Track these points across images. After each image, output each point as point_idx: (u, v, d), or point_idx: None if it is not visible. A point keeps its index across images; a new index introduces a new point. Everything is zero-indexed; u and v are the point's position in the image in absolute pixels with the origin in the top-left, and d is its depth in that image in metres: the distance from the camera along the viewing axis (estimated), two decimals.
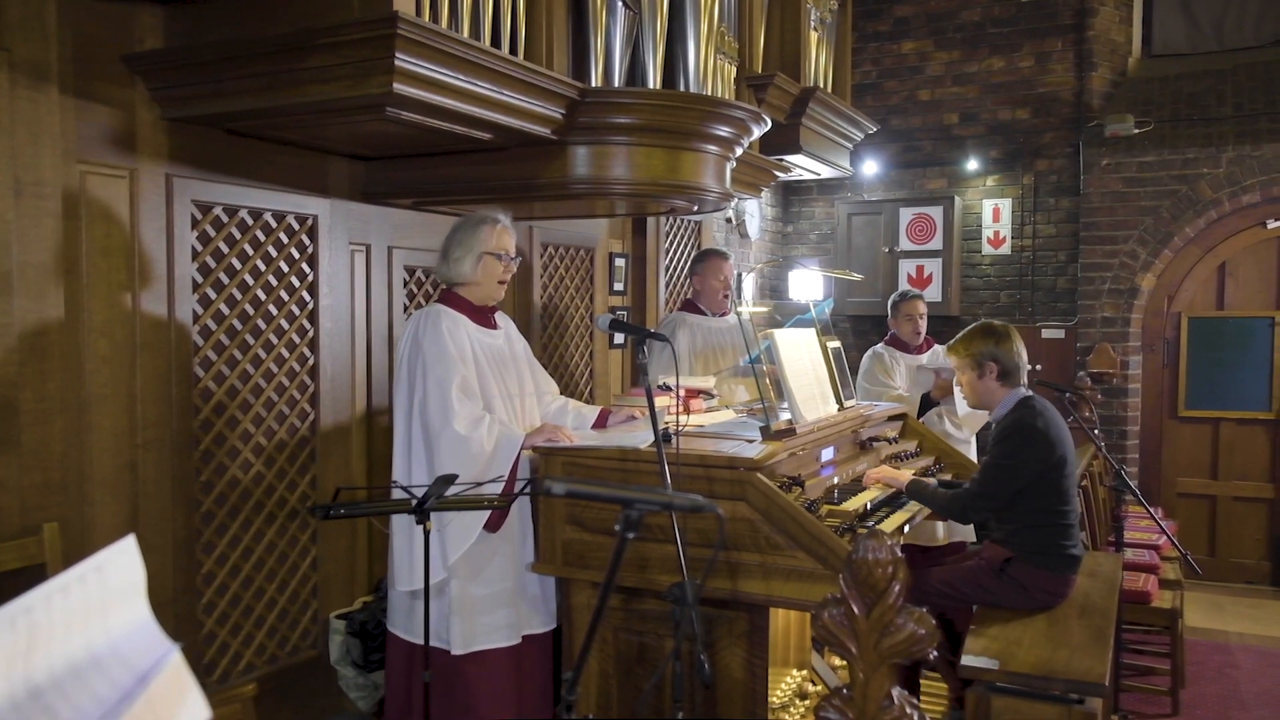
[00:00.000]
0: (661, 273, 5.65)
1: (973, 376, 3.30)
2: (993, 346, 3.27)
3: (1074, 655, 2.74)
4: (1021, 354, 3.34)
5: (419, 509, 2.50)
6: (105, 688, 0.83)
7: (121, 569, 0.87)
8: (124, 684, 0.83)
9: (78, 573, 0.86)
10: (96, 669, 0.82)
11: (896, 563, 1.72)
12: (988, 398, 3.32)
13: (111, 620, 0.83)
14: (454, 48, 2.73)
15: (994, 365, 3.26)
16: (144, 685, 0.84)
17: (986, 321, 3.41)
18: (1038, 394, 3.35)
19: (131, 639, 0.84)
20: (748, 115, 3.63)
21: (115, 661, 0.83)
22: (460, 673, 3.09)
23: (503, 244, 3.24)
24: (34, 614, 0.83)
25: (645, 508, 1.30)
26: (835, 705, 1.77)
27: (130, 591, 0.86)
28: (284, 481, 3.49)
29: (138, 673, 0.84)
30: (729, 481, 2.74)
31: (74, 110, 2.78)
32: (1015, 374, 3.29)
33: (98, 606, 0.84)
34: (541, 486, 1.40)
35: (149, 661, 0.85)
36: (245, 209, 3.30)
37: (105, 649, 0.83)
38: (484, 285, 3.24)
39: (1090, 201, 6.58)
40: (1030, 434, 3.11)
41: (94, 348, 2.87)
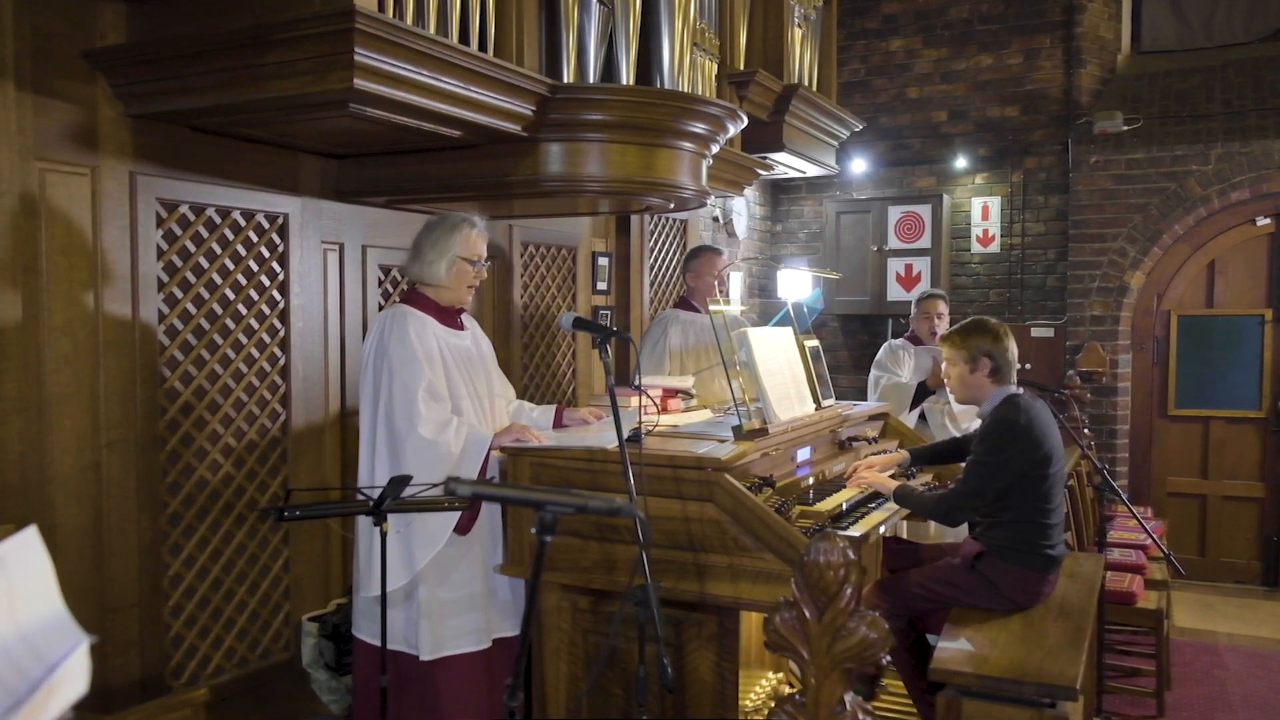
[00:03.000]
0: (646, 272, 5.61)
1: (964, 370, 3.28)
2: (989, 343, 3.25)
3: (1048, 658, 2.70)
4: (1014, 352, 3.32)
5: (376, 510, 2.46)
6: (15, 678, 0.82)
7: (23, 561, 0.86)
8: (34, 675, 0.83)
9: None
10: (6, 661, 0.82)
11: (849, 565, 1.68)
12: (976, 392, 3.30)
13: (20, 614, 0.83)
14: (416, 43, 2.69)
15: (988, 361, 3.24)
16: (50, 674, 0.84)
17: (983, 317, 3.40)
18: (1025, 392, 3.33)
19: (43, 632, 0.84)
20: (723, 112, 3.59)
21: (26, 653, 0.83)
22: (430, 678, 3.05)
23: (477, 249, 3.21)
24: None
25: (558, 510, 1.26)
26: (788, 711, 1.74)
27: (37, 583, 0.85)
28: (254, 483, 3.45)
29: (48, 664, 0.84)
30: (696, 482, 2.70)
31: (32, 107, 2.74)
32: (1007, 372, 3.27)
33: (3, 600, 0.83)
34: (448, 487, 1.36)
35: (59, 652, 0.85)
36: (212, 207, 3.26)
37: (15, 642, 0.82)
38: (454, 289, 3.21)
39: (1079, 199, 6.55)
40: (1014, 430, 3.08)
41: (55, 347, 2.83)
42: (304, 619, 3.59)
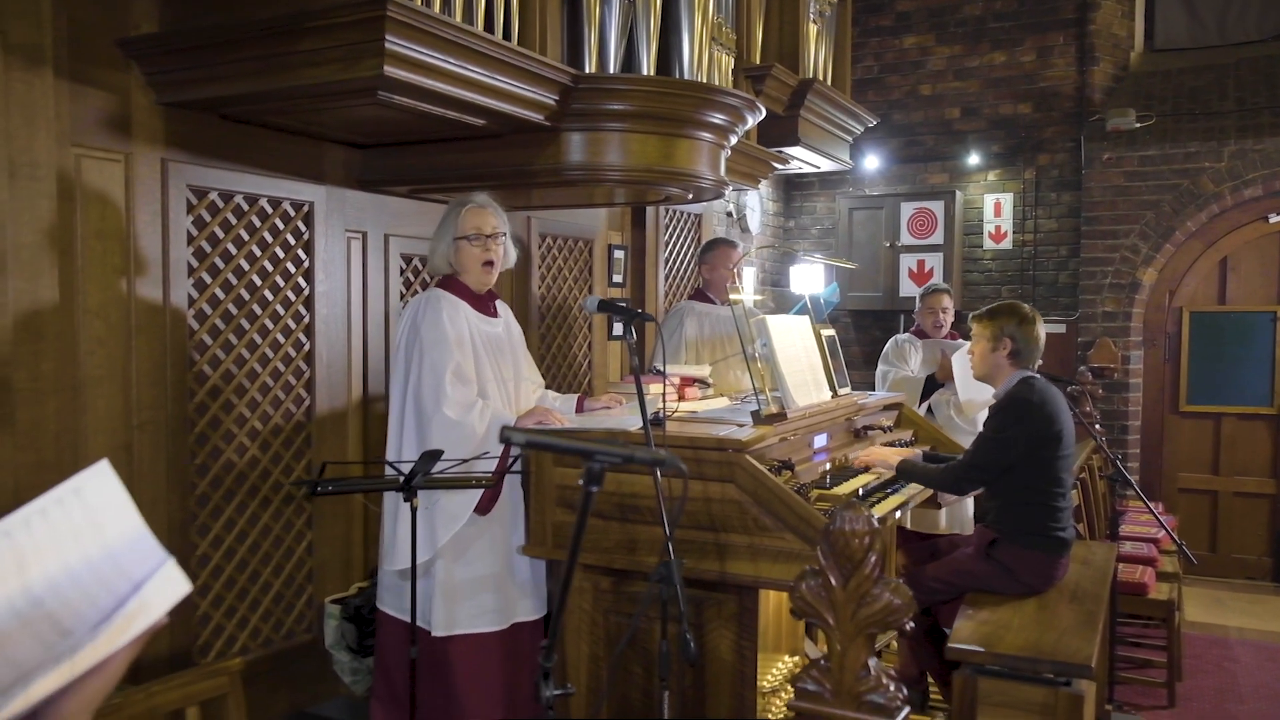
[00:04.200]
0: (661, 265, 5.66)
1: (987, 347, 3.37)
2: (1015, 325, 3.33)
3: (1062, 638, 2.74)
4: (1039, 340, 3.40)
5: (406, 486, 2.51)
6: (104, 595, 0.87)
7: (100, 489, 0.91)
8: (121, 591, 0.88)
9: (55, 496, 0.89)
10: (95, 578, 0.86)
11: (873, 533, 1.73)
12: (994, 371, 3.38)
13: (106, 534, 0.87)
14: (445, 31, 2.74)
15: (1009, 342, 3.32)
16: (138, 591, 0.88)
17: (1016, 301, 3.49)
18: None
19: (128, 550, 0.88)
20: (742, 103, 3.64)
21: (113, 571, 0.87)
22: (444, 655, 3.09)
23: (473, 225, 3.17)
24: (14, 537, 0.86)
25: (607, 460, 1.31)
26: (813, 676, 1.78)
27: (116, 508, 0.90)
28: (279, 466, 3.51)
29: (134, 581, 0.89)
30: (717, 463, 2.75)
31: (69, 94, 2.81)
32: (1027, 356, 3.34)
33: (84, 524, 0.88)
34: (503, 435, 1.41)
35: (145, 570, 0.89)
36: (241, 194, 3.32)
37: (102, 559, 0.87)
38: (469, 271, 3.21)
39: (1091, 196, 6.57)
40: (1025, 408, 3.15)
41: (89, 329, 2.89)
42: (327, 601, 3.65)
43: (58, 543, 0.88)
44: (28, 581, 0.86)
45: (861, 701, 1.75)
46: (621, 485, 2.84)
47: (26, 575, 0.86)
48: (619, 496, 2.87)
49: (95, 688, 0.86)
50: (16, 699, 0.81)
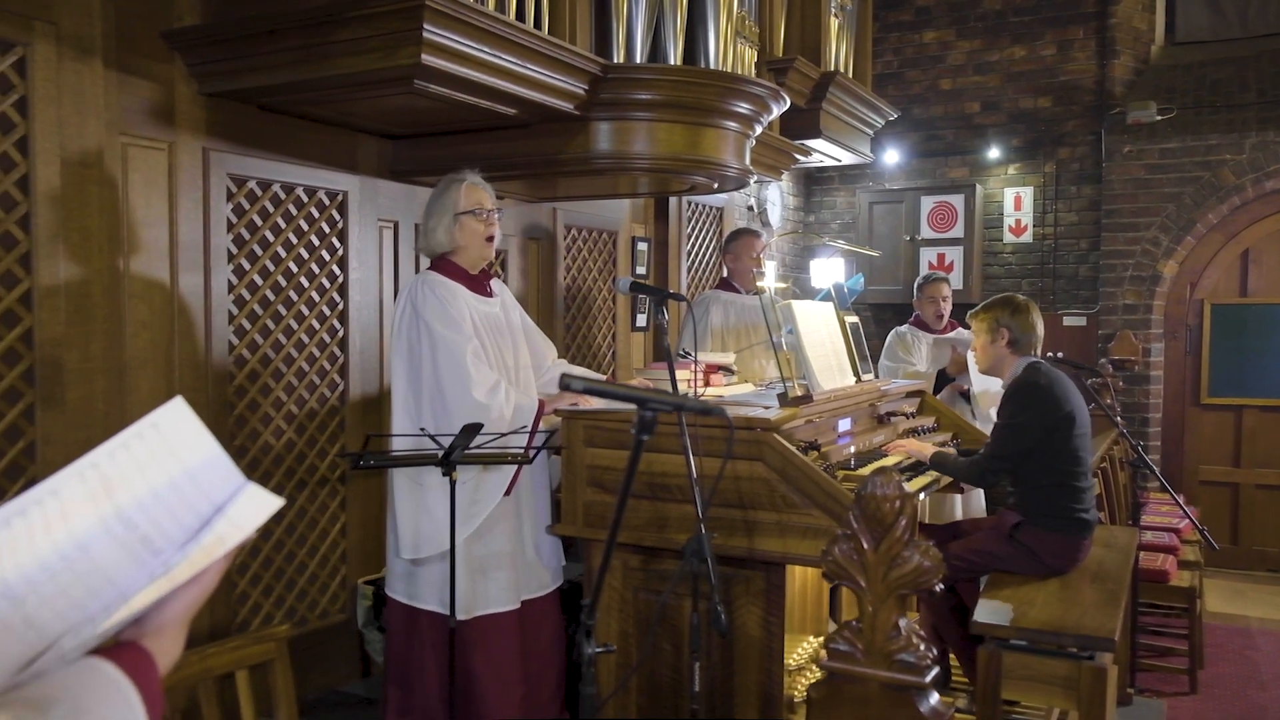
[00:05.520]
0: (684, 258, 5.72)
1: (985, 341, 3.44)
2: (1008, 315, 3.38)
3: (1085, 614, 2.79)
4: (1036, 327, 3.43)
5: (445, 460, 2.58)
6: (188, 515, 0.92)
7: (176, 422, 0.95)
8: (204, 512, 0.93)
9: (134, 430, 0.95)
10: (178, 496, 0.92)
11: (904, 498, 1.79)
12: (996, 363, 3.45)
13: (186, 461, 0.92)
14: (481, 21, 2.82)
15: (1005, 332, 3.38)
16: (221, 514, 0.94)
17: (1009, 294, 3.55)
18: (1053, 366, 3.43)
19: (207, 471, 0.93)
20: (767, 92, 3.70)
21: (194, 491, 0.93)
22: (463, 638, 3.11)
23: (475, 199, 3.10)
24: (101, 468, 0.93)
25: (658, 408, 1.38)
26: (845, 636, 1.84)
27: (193, 436, 0.94)
28: (314, 449, 3.60)
29: (215, 503, 0.94)
30: (746, 442, 2.80)
31: (116, 84, 2.90)
32: (1025, 344, 3.39)
33: (164, 453, 0.93)
34: (562, 382, 1.48)
35: (225, 493, 0.95)
36: (278, 183, 3.41)
37: (184, 479, 0.92)
38: (470, 248, 3.12)
39: (1112, 189, 6.59)
40: (1033, 391, 3.21)
41: (134, 313, 2.98)
42: (359, 582, 3.73)
43: (142, 470, 0.93)
44: (119, 504, 0.91)
45: (893, 661, 1.80)
46: (652, 464, 2.90)
47: (116, 499, 0.92)
48: (649, 475, 2.92)
49: (193, 596, 0.92)
50: (119, 612, 0.87)
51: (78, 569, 0.87)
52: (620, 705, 3.05)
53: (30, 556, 0.87)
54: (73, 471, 0.92)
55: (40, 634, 0.84)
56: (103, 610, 0.87)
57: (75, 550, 0.87)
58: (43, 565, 0.86)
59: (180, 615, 0.92)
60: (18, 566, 0.86)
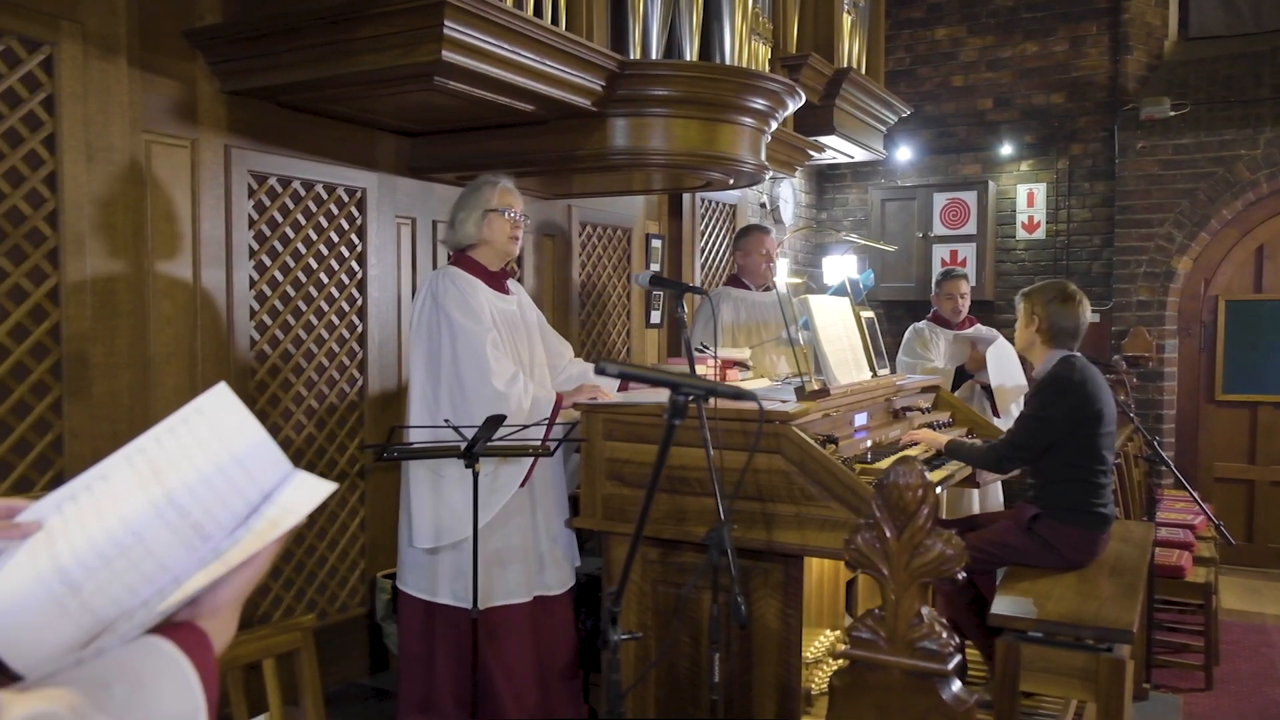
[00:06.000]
0: (697, 254, 5.74)
1: (1022, 323, 3.46)
2: (1043, 304, 3.38)
3: (1103, 607, 2.80)
4: (1078, 320, 3.40)
5: (468, 452, 2.60)
6: (238, 502, 0.94)
7: (220, 408, 0.97)
8: (252, 499, 0.95)
9: (180, 416, 0.97)
10: (227, 482, 0.93)
11: (926, 486, 1.80)
12: (1029, 348, 3.46)
13: (233, 446, 0.94)
14: (500, 17, 2.84)
15: (1042, 319, 3.36)
16: (270, 501, 0.95)
17: (1060, 281, 3.52)
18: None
19: (254, 457, 0.95)
20: (782, 88, 3.72)
21: (243, 477, 0.94)
22: (478, 630, 3.11)
23: (505, 201, 3.18)
24: (148, 453, 0.95)
25: (692, 391, 1.40)
26: (868, 624, 1.86)
27: (239, 421, 0.96)
28: (334, 444, 3.63)
29: (264, 490, 0.95)
30: (765, 435, 2.82)
31: (140, 82, 2.93)
32: (1062, 336, 3.38)
33: (211, 438, 0.95)
34: (597, 368, 1.50)
35: (273, 480, 0.96)
36: (298, 180, 3.44)
37: (232, 465, 0.93)
38: (494, 244, 3.18)
39: (1125, 185, 6.58)
40: (1064, 386, 3.20)
41: (158, 308, 3.02)
42: (378, 576, 3.76)
43: (189, 455, 0.94)
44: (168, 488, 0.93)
45: (915, 648, 1.82)
46: (670, 457, 2.90)
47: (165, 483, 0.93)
48: (668, 468, 2.94)
49: (246, 578, 0.94)
50: (173, 596, 0.90)
51: (132, 555, 0.89)
52: (639, 696, 3.07)
53: (85, 543, 0.89)
54: (120, 457, 0.94)
55: (97, 618, 0.86)
56: (157, 594, 0.89)
57: (130, 537, 0.89)
58: (99, 553, 0.88)
59: (234, 597, 0.94)
60: (74, 553, 0.88)
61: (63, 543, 0.90)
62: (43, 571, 0.88)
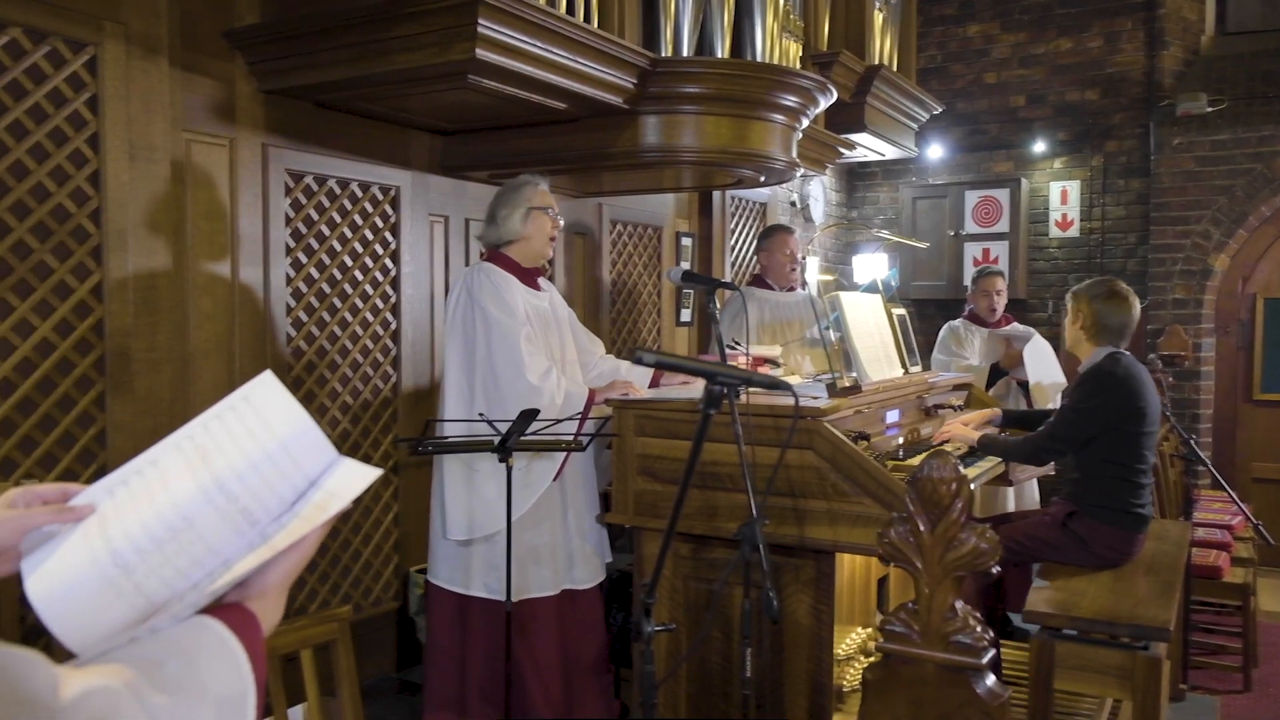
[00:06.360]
0: (727, 253, 5.74)
1: (1070, 320, 3.44)
2: (1088, 301, 3.36)
3: (1139, 605, 2.77)
4: (1126, 319, 3.37)
5: (502, 446, 2.62)
6: (284, 488, 0.95)
7: (267, 395, 0.99)
8: (298, 485, 0.96)
9: (227, 403, 0.99)
10: (274, 468, 0.95)
11: (959, 480, 1.80)
12: (1076, 345, 3.44)
13: (279, 432, 0.96)
14: (533, 15, 2.86)
15: (1091, 316, 3.34)
16: (316, 487, 0.97)
17: (1111, 279, 3.51)
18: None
19: (300, 444, 0.97)
20: (814, 85, 3.71)
21: (289, 463, 0.96)
22: (503, 622, 3.13)
23: (548, 200, 3.22)
24: (197, 439, 0.97)
25: (727, 381, 1.40)
26: (901, 618, 1.86)
27: (286, 409, 0.98)
28: (368, 439, 3.67)
29: (309, 476, 0.97)
30: (797, 431, 2.82)
31: (181, 82, 2.98)
32: (1104, 333, 3.35)
33: (257, 425, 0.97)
34: (635, 356, 1.51)
35: (319, 466, 0.98)
36: (333, 178, 3.48)
37: (278, 451, 0.95)
38: (534, 241, 3.20)
39: (1161, 182, 6.51)
40: (1108, 380, 3.18)
41: (198, 305, 3.07)
42: (411, 570, 3.79)
43: (237, 442, 0.96)
44: (217, 474, 0.95)
45: (949, 642, 1.82)
46: (702, 454, 2.91)
47: (214, 469, 0.95)
48: (700, 465, 2.94)
49: (293, 562, 0.96)
50: (222, 578, 0.92)
51: (183, 539, 0.91)
52: (671, 691, 3.08)
53: (138, 525, 0.91)
54: (170, 443, 0.96)
55: (149, 600, 0.88)
56: (206, 577, 0.91)
57: (180, 521, 0.91)
58: (151, 536, 0.90)
59: (281, 580, 0.95)
60: (127, 535, 0.91)
61: (115, 526, 0.92)
62: (96, 553, 0.90)
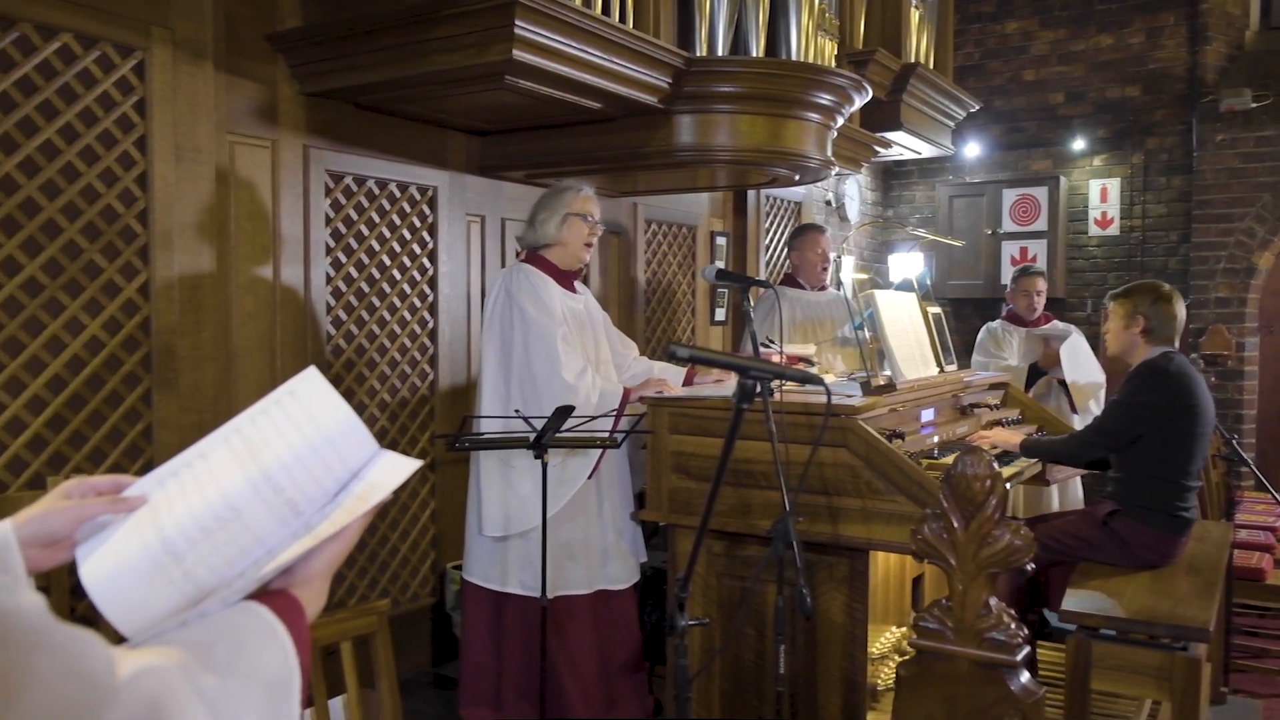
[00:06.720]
0: (761, 252, 5.74)
1: (1120, 325, 3.38)
2: (1148, 304, 3.32)
3: (1179, 605, 2.74)
4: (1176, 318, 3.35)
5: (537, 443, 2.65)
6: (328, 479, 0.99)
7: (311, 390, 1.02)
8: (341, 477, 0.99)
9: (273, 398, 1.02)
10: (319, 460, 0.98)
11: (994, 477, 1.80)
12: (1128, 349, 3.38)
13: (323, 426, 0.99)
14: (570, 16, 2.89)
15: (1142, 320, 3.31)
16: (358, 478, 1.00)
17: (1155, 280, 3.47)
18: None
19: (344, 437, 1.00)
20: (849, 83, 3.71)
21: (333, 455, 0.99)
22: (538, 618, 3.15)
23: (587, 207, 3.25)
24: (244, 432, 1.00)
25: (760, 375, 1.42)
26: (935, 615, 1.86)
27: (330, 403, 1.01)
28: (405, 437, 3.72)
29: (352, 468, 1.00)
30: (831, 429, 2.82)
31: (225, 85, 3.04)
32: (1160, 334, 3.32)
33: (303, 419, 1.00)
34: (669, 350, 1.53)
35: (361, 458, 1.01)
36: (372, 179, 3.54)
37: (323, 444, 0.98)
38: (569, 246, 3.24)
39: (1204, 179, 6.41)
40: (1159, 377, 3.13)
41: (240, 304, 3.13)
42: (448, 566, 3.84)
43: (283, 435, 1.00)
44: (264, 466, 0.98)
45: (983, 639, 1.82)
46: (735, 451, 2.92)
47: (262, 461, 0.99)
48: (733, 462, 2.96)
49: (336, 550, 0.98)
50: (267, 566, 0.95)
51: (231, 529, 0.95)
52: (704, 688, 3.10)
53: (188, 515, 0.95)
54: (219, 437, 1.00)
55: (198, 587, 0.92)
56: (253, 566, 0.94)
57: (229, 511, 0.95)
58: (200, 525, 0.94)
59: (325, 568, 0.98)
60: (177, 524, 0.94)
61: (166, 515, 0.96)
62: (148, 542, 0.94)
